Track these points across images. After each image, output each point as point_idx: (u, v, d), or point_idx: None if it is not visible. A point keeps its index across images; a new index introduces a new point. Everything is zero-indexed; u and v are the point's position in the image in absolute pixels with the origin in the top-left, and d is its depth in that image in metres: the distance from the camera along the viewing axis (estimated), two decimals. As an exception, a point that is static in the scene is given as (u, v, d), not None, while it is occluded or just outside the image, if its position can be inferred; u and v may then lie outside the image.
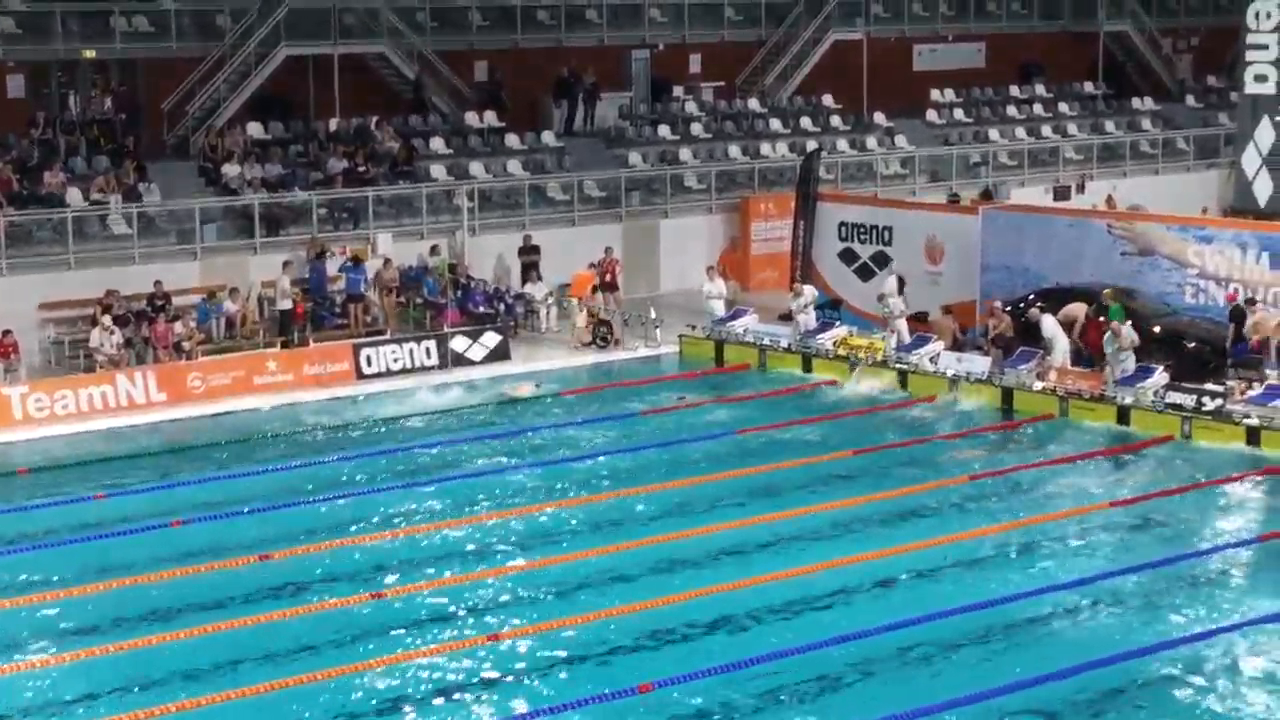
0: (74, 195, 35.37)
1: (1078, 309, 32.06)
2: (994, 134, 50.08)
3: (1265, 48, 34.82)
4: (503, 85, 43.83)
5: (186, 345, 32.78)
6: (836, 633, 19.85)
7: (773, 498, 25.52)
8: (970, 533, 23.84)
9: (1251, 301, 30.87)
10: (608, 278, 37.97)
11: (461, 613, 21.09)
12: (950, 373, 32.01)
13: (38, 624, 20.71)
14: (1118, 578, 21.97)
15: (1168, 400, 29.35)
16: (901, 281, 34.95)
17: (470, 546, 23.59)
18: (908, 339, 33.52)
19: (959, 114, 50.69)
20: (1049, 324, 31.64)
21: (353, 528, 24.31)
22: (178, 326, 32.97)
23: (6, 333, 31.68)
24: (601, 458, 27.89)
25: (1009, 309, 33.01)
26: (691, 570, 22.38)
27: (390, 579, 22.21)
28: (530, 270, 38.22)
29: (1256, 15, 34.81)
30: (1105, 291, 31.93)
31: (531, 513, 24.96)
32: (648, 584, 21.87)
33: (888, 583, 22.00)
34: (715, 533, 23.70)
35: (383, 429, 30.20)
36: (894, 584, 21.99)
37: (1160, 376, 29.87)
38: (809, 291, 35.65)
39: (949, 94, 51.24)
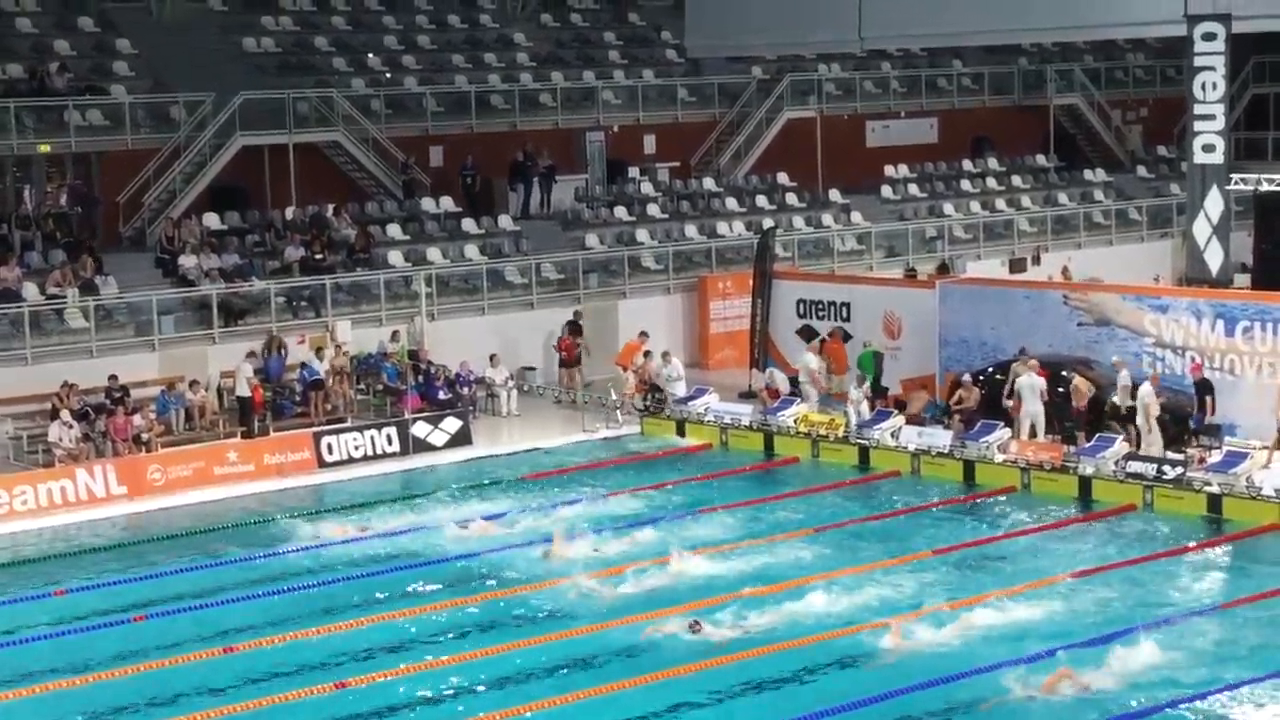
0: (30, 290, 35.25)
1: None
2: (948, 208, 50.38)
3: (1212, 118, 35.05)
4: (479, 169, 43.91)
5: (146, 437, 32.61)
6: (803, 710, 19.79)
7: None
8: (933, 607, 23.79)
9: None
10: (565, 355, 38.60)
11: (428, 701, 20.92)
12: (912, 447, 32.10)
13: (-2, 723, 20.54)
14: (1081, 649, 21.90)
15: (1128, 470, 29.49)
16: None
17: (435, 634, 23.42)
18: (868, 415, 33.61)
19: (913, 189, 51.03)
20: (1027, 378, 31.77)
21: (316, 617, 24.12)
22: (137, 419, 32.81)
23: (-36, 429, 31.55)
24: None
25: (981, 379, 33.21)
26: (666, 650, 22.31)
27: (354, 668, 22.00)
28: (578, 349, 38.57)
29: (1203, 86, 35.08)
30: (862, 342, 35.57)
31: (494, 599, 24.83)
32: (608, 669, 21.80)
33: (847, 660, 21.96)
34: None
35: (345, 516, 30.06)
36: (856, 660, 21.94)
37: (1120, 446, 30.03)
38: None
39: (903, 169, 51.62)
